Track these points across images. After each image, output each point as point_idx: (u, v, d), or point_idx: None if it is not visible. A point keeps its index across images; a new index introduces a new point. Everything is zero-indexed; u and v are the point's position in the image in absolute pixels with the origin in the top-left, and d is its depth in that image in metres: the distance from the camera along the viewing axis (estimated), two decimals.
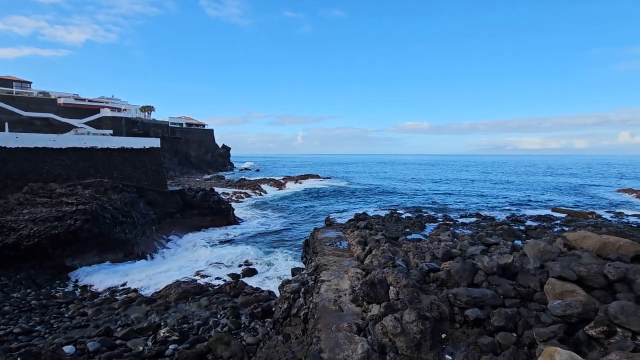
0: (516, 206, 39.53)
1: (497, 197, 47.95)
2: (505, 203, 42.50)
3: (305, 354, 6.78)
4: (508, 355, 5.82)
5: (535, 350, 5.94)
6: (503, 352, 6.07)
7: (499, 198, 47.21)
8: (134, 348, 8.53)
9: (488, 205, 40.35)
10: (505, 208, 38.11)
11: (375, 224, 19.95)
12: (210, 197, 30.01)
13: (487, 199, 46.73)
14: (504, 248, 11.97)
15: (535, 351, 5.88)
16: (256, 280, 17.12)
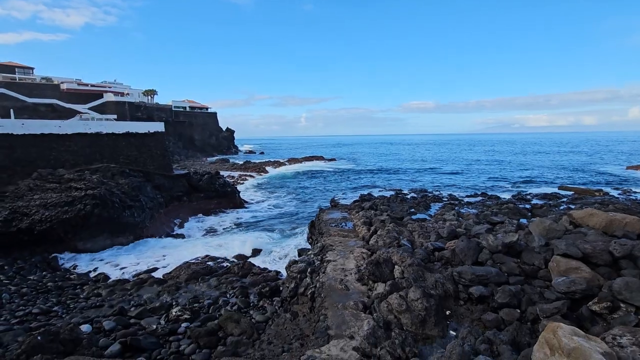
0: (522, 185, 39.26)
1: (503, 176, 47.58)
2: (512, 182, 42.21)
3: (313, 330, 6.97)
4: (511, 330, 5.93)
5: (538, 325, 6.04)
6: (506, 327, 6.18)
7: (505, 177, 46.86)
8: (147, 326, 8.84)
9: (494, 184, 40.13)
10: (511, 187, 37.88)
11: (380, 204, 20.01)
12: (216, 180, 30.18)
13: (492, 178, 46.41)
14: (509, 227, 11.99)
15: (539, 326, 5.98)
16: (263, 260, 17.42)
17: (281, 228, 24.68)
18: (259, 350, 6.65)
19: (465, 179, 45.62)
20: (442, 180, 45.36)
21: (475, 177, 47.18)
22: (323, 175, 55.05)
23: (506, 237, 8.91)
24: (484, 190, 34.22)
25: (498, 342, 5.50)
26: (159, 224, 23.40)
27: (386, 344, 5.67)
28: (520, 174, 50.14)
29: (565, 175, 47.67)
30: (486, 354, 5.11)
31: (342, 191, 38.08)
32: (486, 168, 59.02)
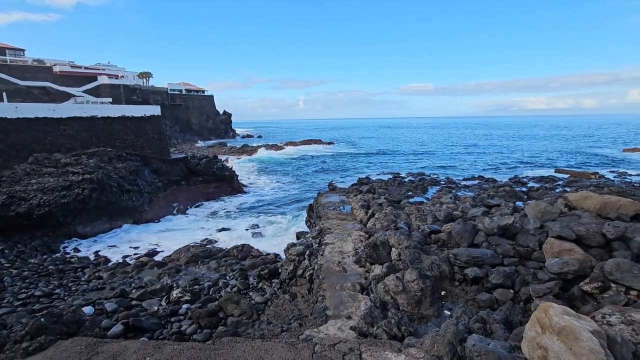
0: (519, 168, 39.40)
1: (501, 159, 47.67)
2: (509, 165, 42.32)
3: (311, 311, 7.12)
4: (505, 310, 6.07)
5: (531, 305, 6.19)
6: (500, 307, 6.33)
7: (503, 160, 46.94)
8: (149, 308, 9.01)
9: (491, 168, 40.23)
10: (508, 170, 38.01)
11: (378, 187, 20.08)
12: (214, 164, 30.10)
13: (490, 161, 46.49)
14: (505, 209, 12.09)
15: (531, 306, 6.12)
16: (262, 244, 17.59)
17: (279, 211, 24.82)
18: (258, 330, 6.80)
19: (463, 162, 45.69)
20: (439, 163, 45.41)
21: (473, 161, 47.24)
22: (321, 158, 54.93)
23: (502, 220, 9.00)
24: (481, 173, 34.33)
25: (491, 321, 5.64)
26: (158, 208, 23.47)
27: (382, 323, 5.81)
28: (518, 156, 50.21)
29: (562, 158, 47.80)
30: (479, 332, 5.25)
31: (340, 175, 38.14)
32: (484, 151, 59.02)
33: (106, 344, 4.89)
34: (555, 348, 3.43)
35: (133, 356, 4.54)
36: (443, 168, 40.46)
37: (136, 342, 5.04)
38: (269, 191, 32.08)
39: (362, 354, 4.44)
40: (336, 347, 4.62)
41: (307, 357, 4.42)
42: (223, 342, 4.84)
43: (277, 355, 4.48)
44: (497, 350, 4.00)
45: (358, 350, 4.53)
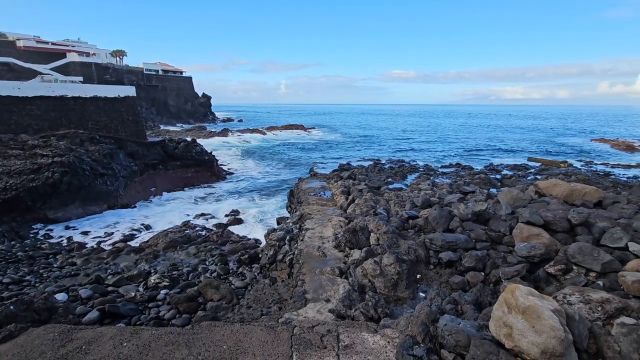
0: (494, 156, 40.68)
1: (477, 147, 48.98)
2: (485, 153, 43.59)
3: (291, 294, 7.22)
4: (475, 291, 6.36)
5: (499, 287, 6.51)
6: (471, 289, 6.62)
7: (479, 148, 48.26)
8: (126, 294, 8.85)
9: (468, 155, 41.32)
10: (484, 158, 39.18)
11: (358, 174, 20.25)
12: (193, 148, 29.38)
13: (467, 148, 47.69)
14: (480, 196, 12.52)
15: (500, 287, 6.44)
16: (242, 229, 17.53)
17: (260, 197, 24.69)
18: (238, 314, 6.85)
19: (442, 150, 46.66)
20: (419, 150, 46.19)
21: (451, 148, 48.31)
22: (303, 144, 54.66)
23: (476, 206, 9.32)
24: (458, 160, 35.20)
25: (462, 302, 5.91)
26: (134, 193, 22.80)
27: (360, 305, 5.98)
28: (494, 145, 51.74)
29: (535, 146, 49.63)
30: (451, 313, 5.49)
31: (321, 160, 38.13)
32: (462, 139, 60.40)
33: (81, 331, 4.80)
34: (519, 326, 3.65)
35: (109, 342, 4.48)
36: (422, 155, 41.20)
37: (112, 328, 4.97)
38: (249, 176, 31.75)
39: (339, 335, 4.57)
40: (315, 329, 4.72)
41: (286, 339, 4.51)
42: (202, 327, 4.85)
43: (256, 338, 4.54)
44: (466, 329, 4.21)
45: (336, 331, 4.66)
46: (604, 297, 4.42)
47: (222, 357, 4.17)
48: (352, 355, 4.19)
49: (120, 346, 4.38)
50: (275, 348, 4.34)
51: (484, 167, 29.94)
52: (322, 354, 4.20)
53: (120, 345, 4.40)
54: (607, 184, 20.02)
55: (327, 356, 4.16)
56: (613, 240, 6.72)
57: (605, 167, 30.86)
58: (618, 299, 4.36)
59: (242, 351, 4.28)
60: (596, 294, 4.53)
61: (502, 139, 61.00)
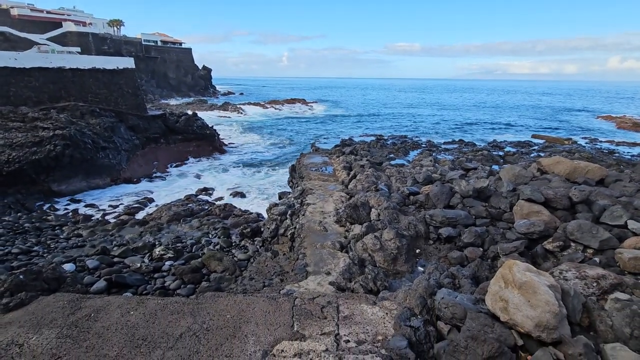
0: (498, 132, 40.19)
1: (482, 124, 48.30)
2: (489, 129, 43.05)
3: (292, 267, 7.37)
4: (473, 266, 6.47)
5: (497, 262, 6.61)
6: (469, 264, 6.74)
7: (483, 125, 47.60)
8: (132, 265, 9.06)
9: (471, 131, 40.83)
10: (487, 134, 38.73)
11: (360, 149, 20.13)
12: (194, 122, 29.10)
13: (471, 125, 47.05)
14: (482, 173, 12.47)
15: (498, 263, 6.54)
16: (244, 203, 17.69)
17: (261, 171, 24.74)
18: (241, 285, 7.03)
19: (445, 126, 46.06)
20: (422, 126, 45.62)
21: (455, 124, 47.66)
22: (305, 118, 54.04)
23: (477, 183, 9.31)
24: (461, 137, 34.83)
25: (460, 277, 6.03)
26: (137, 166, 22.85)
27: (360, 278, 6.11)
28: (498, 121, 50.97)
29: (541, 123, 48.89)
30: (449, 286, 5.62)
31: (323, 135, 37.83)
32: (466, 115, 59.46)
33: (89, 299, 4.95)
34: (515, 300, 3.73)
35: (117, 310, 4.63)
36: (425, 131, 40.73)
37: (120, 298, 5.12)
38: (251, 151, 31.65)
39: (339, 307, 4.70)
40: (315, 300, 4.85)
41: (287, 309, 4.64)
42: (206, 297, 4.98)
43: (259, 308, 4.67)
44: (463, 302, 4.31)
45: (336, 303, 4.78)
46: (599, 274, 4.48)
47: (225, 326, 4.32)
48: (351, 325, 4.32)
49: (128, 314, 4.52)
50: (277, 318, 4.47)
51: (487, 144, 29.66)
52: (322, 324, 4.33)
53: (127, 313, 4.55)
54: (611, 162, 19.88)
55: (327, 326, 4.29)
56: (613, 218, 6.73)
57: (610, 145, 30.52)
58: (614, 276, 4.42)
59: (245, 320, 4.42)
60: (592, 270, 4.59)
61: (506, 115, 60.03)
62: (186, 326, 4.30)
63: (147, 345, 3.98)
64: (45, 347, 3.95)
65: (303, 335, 4.13)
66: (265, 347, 3.93)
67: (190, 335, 4.15)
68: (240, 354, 3.86)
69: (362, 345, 3.95)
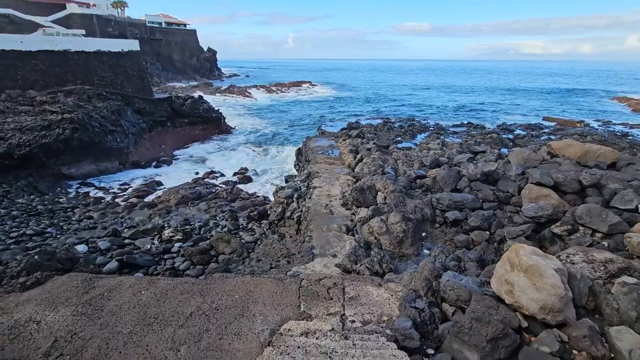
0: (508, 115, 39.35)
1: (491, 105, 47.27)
2: (499, 112, 42.14)
3: (299, 250, 7.47)
4: (479, 249, 6.48)
5: (504, 246, 6.61)
6: (475, 247, 6.74)
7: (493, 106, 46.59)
8: (142, 246, 9.28)
9: (480, 114, 40.04)
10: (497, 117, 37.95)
11: (367, 132, 19.93)
12: (200, 105, 29.02)
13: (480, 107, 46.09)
14: (490, 156, 12.29)
15: (504, 247, 6.54)
16: (251, 186, 17.82)
17: (268, 154, 24.76)
18: (248, 267, 7.17)
19: (454, 108, 45.19)
20: (430, 109, 44.84)
21: (464, 106, 46.73)
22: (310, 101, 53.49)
23: (486, 166, 9.20)
24: (470, 119, 34.20)
25: (466, 260, 6.05)
26: (144, 150, 23.02)
27: (365, 261, 6.18)
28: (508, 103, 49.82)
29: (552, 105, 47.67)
30: (454, 269, 5.64)
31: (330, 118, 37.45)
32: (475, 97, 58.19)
33: (102, 279, 5.10)
34: (521, 284, 3.73)
35: (129, 290, 4.76)
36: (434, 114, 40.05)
37: (131, 278, 5.26)
38: (257, 134, 31.59)
39: (345, 288, 4.77)
40: (321, 282, 4.92)
41: (294, 290, 4.73)
42: (215, 278, 5.09)
43: (266, 289, 4.77)
44: (468, 285, 4.34)
45: (341, 284, 4.85)
46: (607, 257, 4.45)
47: (234, 305, 4.42)
48: (357, 306, 4.39)
49: (139, 294, 4.65)
50: (284, 298, 4.56)
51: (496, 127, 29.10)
52: (328, 305, 4.41)
53: (139, 292, 4.68)
54: (624, 145, 19.41)
55: (333, 307, 4.37)
56: (624, 202, 6.63)
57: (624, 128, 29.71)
58: (622, 260, 4.39)
59: (253, 300, 4.52)
60: (600, 254, 4.56)
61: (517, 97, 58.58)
62: (196, 305, 4.42)
63: (158, 323, 4.11)
64: (62, 324, 4.10)
65: (309, 315, 4.22)
66: (272, 326, 4.03)
67: (199, 314, 4.27)
68: (249, 332, 3.96)
69: (367, 325, 4.02)
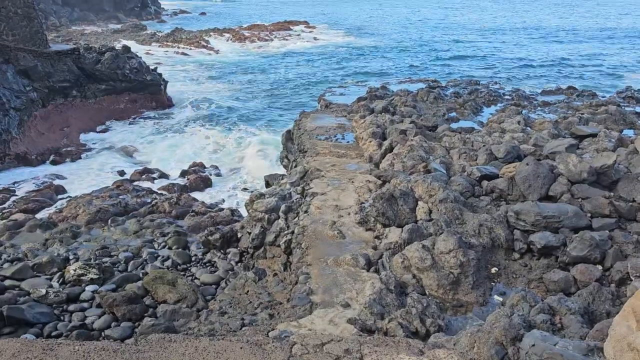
0: (637, 73, 39.27)
1: (607, 59, 47.14)
2: (619, 69, 42.02)
3: (289, 296, 7.49)
4: (585, 295, 6.49)
5: (625, 288, 6.60)
6: (579, 291, 6.74)
7: (610, 61, 46.46)
8: (33, 291, 9.32)
9: (588, 74, 39.98)
10: (616, 78, 37.88)
11: (400, 104, 19.95)
12: (126, 63, 29.17)
13: (589, 62, 46.00)
14: (605, 142, 12.29)
15: (626, 290, 6.54)
16: (210, 193, 17.89)
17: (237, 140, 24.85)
18: (206, 324, 7.19)
19: (543, 62, 45.13)
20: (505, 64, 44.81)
21: (562, 61, 46.65)
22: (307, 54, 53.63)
23: (597, 159, 9.18)
24: (571, 82, 34.20)
25: (564, 312, 6.06)
26: (35, 135, 23.16)
27: (398, 313, 6.19)
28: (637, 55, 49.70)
29: None
30: (545, 327, 5.66)
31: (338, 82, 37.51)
32: (579, 45, 58.12)
33: None
34: None
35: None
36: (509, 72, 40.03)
37: (15, 342, 5.28)
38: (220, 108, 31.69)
39: (363, 358, 4.77)
40: (325, 348, 4.94)
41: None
42: (151, 342, 5.11)
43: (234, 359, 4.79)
44: (567, 352, 4.36)
45: (358, 352, 4.87)
46: None
47: None
48: None
49: None
50: None
51: (615, 94, 29.07)
52: None
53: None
54: None
55: None
56: None
57: None
58: None
59: None
60: None
61: None
62: None
63: None
64: None
65: None
66: None
67: None
68: None
69: None
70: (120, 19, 79.53)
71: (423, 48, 57.75)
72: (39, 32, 27.63)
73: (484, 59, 48.71)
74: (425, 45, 59.76)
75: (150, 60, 37.72)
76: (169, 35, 59.57)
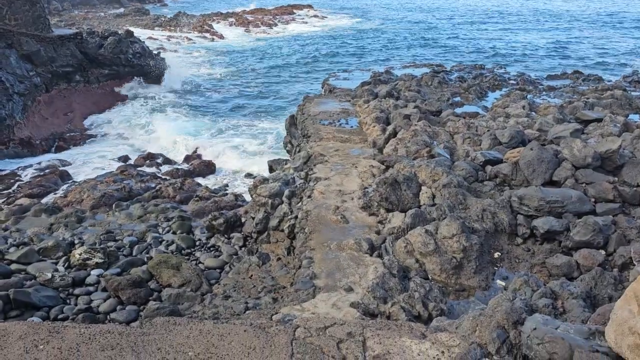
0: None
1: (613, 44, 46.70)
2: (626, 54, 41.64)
3: (292, 280, 7.53)
4: (588, 279, 6.49)
5: (628, 273, 6.61)
6: (582, 275, 6.75)
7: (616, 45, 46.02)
8: (39, 275, 9.41)
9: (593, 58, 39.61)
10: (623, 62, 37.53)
11: (404, 89, 19.87)
12: (129, 47, 29.07)
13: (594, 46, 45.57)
14: (611, 127, 12.22)
15: (629, 275, 6.54)
16: (214, 178, 17.92)
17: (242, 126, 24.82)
18: (210, 307, 7.25)
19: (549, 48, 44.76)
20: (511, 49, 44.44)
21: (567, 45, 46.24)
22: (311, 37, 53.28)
23: (602, 144, 9.13)
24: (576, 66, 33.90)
25: (566, 296, 6.07)
26: (39, 120, 23.19)
27: (401, 297, 6.22)
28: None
29: None
30: (546, 311, 5.66)
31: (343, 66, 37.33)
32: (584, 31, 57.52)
33: None
34: None
35: (18, 344, 4.84)
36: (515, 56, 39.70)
37: (22, 325, 5.34)
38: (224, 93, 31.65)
39: (366, 341, 4.81)
40: (328, 331, 4.98)
41: (284, 345, 4.78)
42: (156, 325, 5.16)
43: (238, 342, 4.83)
44: (568, 336, 4.37)
45: (361, 335, 4.90)
46: None
47: None
48: None
49: (35, 350, 4.74)
50: (267, 358, 4.63)
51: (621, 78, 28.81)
52: None
53: (34, 348, 4.76)
54: None
55: None
56: None
57: None
58: None
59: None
60: None
61: None
62: None
63: None
64: None
65: None
66: None
67: None
68: None
69: None
70: (123, 3, 79.02)
71: (429, 32, 57.31)
72: (41, 17, 27.51)
73: (490, 42, 48.31)
74: (431, 30, 59.31)
75: (154, 45, 37.57)
76: (172, 20, 59.23)
